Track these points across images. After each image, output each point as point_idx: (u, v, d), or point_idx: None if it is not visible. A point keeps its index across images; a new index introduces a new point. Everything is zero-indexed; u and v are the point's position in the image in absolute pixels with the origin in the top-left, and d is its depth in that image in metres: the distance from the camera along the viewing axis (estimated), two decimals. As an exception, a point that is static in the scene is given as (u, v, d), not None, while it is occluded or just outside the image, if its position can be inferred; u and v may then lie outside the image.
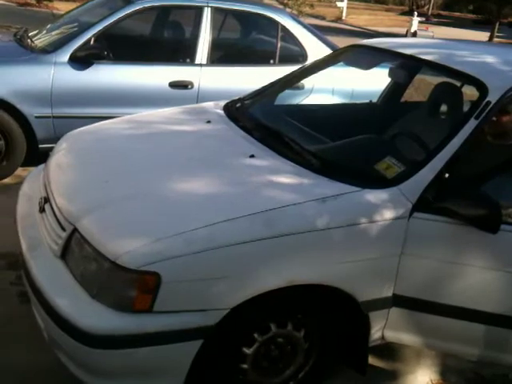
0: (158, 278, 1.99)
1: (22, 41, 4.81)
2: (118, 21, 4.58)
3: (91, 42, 4.44)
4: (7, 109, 4.20)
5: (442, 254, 2.36)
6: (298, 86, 4.34)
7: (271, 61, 5.06)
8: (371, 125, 3.22)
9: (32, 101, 4.24)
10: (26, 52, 4.55)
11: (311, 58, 4.87)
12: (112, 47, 4.52)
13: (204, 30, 4.82)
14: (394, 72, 3.59)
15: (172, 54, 5.00)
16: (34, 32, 5.05)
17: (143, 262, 2.00)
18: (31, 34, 4.99)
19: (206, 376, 2.24)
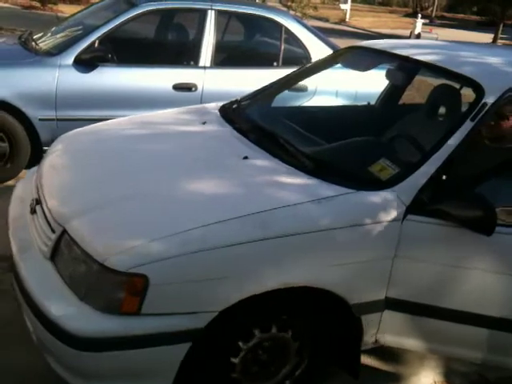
0: (145, 281, 1.98)
1: (26, 44, 4.83)
2: (123, 24, 4.61)
3: (96, 45, 4.46)
4: (11, 111, 4.22)
5: (436, 256, 2.35)
6: (299, 88, 4.35)
7: (275, 63, 5.07)
8: (367, 127, 3.23)
9: (36, 103, 4.26)
10: (30, 55, 4.57)
11: (315, 60, 4.88)
12: (116, 50, 4.54)
13: (208, 33, 4.84)
14: (391, 74, 3.58)
15: (176, 57, 5.01)
16: (39, 35, 5.08)
17: (131, 264, 1.99)
18: (36, 36, 5.02)
19: (195, 379, 2.23)
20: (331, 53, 4.54)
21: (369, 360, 2.84)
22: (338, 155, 2.69)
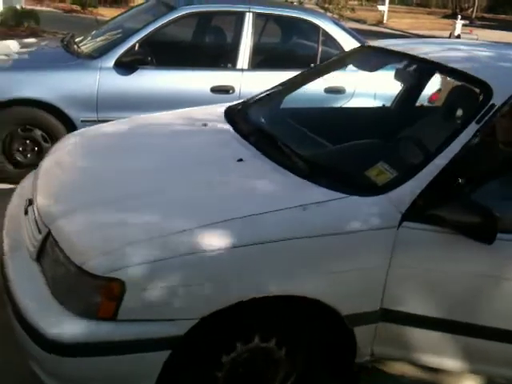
0: (122, 285, 1.93)
1: (68, 46, 4.95)
2: (162, 27, 4.68)
3: (136, 48, 4.54)
4: (54, 113, 4.33)
5: (433, 265, 2.23)
6: (337, 89, 4.33)
7: (312, 65, 5.07)
8: (374, 129, 3.11)
9: (78, 105, 4.35)
10: (72, 57, 4.69)
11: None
12: (155, 53, 4.61)
13: (245, 35, 4.87)
14: (399, 74, 3.48)
15: (214, 59, 5.05)
16: (80, 38, 5.19)
17: (107, 269, 1.95)
18: (77, 39, 5.13)
19: None
20: (341, 53, 4.48)
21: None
22: (334, 158, 2.61)
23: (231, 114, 3.14)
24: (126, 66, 4.50)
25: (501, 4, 31.99)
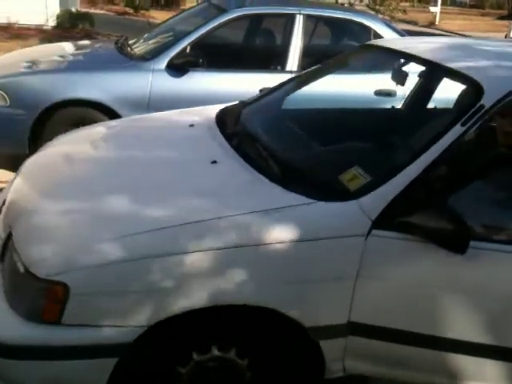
0: (66, 289, 1.88)
1: (122, 49, 5.05)
2: (213, 29, 4.73)
3: (187, 50, 4.60)
4: (107, 113, 4.42)
5: (404, 276, 2.09)
6: (387, 93, 4.27)
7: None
8: (359, 132, 2.96)
9: (131, 106, 4.44)
10: (125, 59, 4.80)
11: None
12: (206, 55, 4.66)
13: (295, 37, 4.86)
14: (393, 73, 3.34)
15: (264, 62, 5.07)
16: (133, 40, 5.30)
17: (52, 271, 1.91)
18: (131, 42, 5.24)
19: None
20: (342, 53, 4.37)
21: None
22: (310, 162, 2.48)
23: (222, 115, 3.05)
24: (178, 67, 4.56)
25: (559, 4, 30.95)
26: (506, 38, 20.61)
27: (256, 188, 2.26)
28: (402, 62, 3.26)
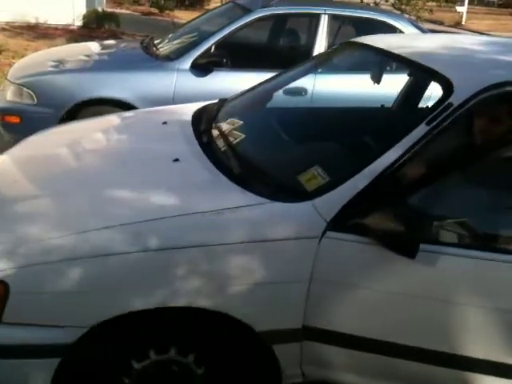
0: (6, 287, 1.86)
1: (147, 48, 5.10)
2: (237, 29, 4.77)
3: (212, 50, 4.63)
4: (132, 112, 4.47)
5: (358, 280, 2.03)
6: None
7: (388, 67, 4.99)
8: (327, 131, 2.88)
9: (155, 105, 4.42)
10: (151, 59, 4.85)
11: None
12: (230, 55, 4.67)
13: (320, 37, 4.87)
14: (371, 71, 3.31)
15: (288, 61, 5.04)
16: (158, 40, 5.34)
17: None
18: (156, 42, 5.28)
19: None
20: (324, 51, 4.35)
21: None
22: (271, 161, 2.41)
23: (199, 113, 3.01)
24: (202, 67, 4.59)
25: None
26: (534, 38, 20.26)
27: (213, 187, 2.22)
28: (378, 60, 3.24)
